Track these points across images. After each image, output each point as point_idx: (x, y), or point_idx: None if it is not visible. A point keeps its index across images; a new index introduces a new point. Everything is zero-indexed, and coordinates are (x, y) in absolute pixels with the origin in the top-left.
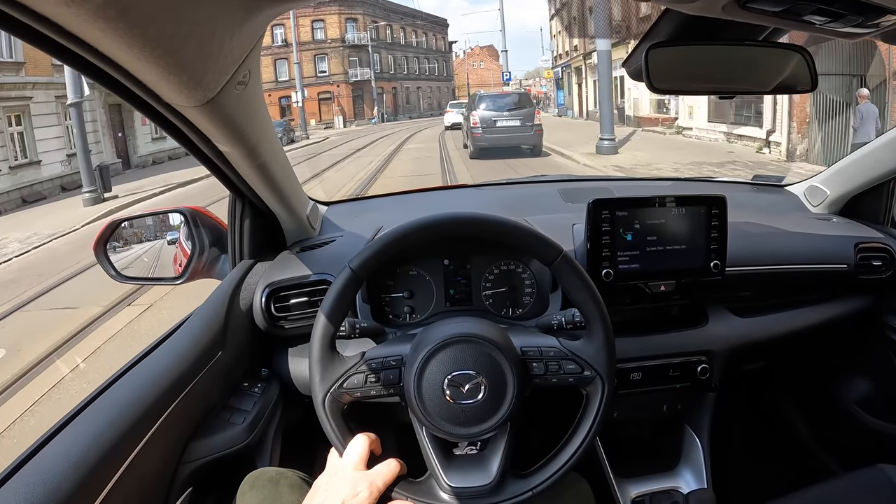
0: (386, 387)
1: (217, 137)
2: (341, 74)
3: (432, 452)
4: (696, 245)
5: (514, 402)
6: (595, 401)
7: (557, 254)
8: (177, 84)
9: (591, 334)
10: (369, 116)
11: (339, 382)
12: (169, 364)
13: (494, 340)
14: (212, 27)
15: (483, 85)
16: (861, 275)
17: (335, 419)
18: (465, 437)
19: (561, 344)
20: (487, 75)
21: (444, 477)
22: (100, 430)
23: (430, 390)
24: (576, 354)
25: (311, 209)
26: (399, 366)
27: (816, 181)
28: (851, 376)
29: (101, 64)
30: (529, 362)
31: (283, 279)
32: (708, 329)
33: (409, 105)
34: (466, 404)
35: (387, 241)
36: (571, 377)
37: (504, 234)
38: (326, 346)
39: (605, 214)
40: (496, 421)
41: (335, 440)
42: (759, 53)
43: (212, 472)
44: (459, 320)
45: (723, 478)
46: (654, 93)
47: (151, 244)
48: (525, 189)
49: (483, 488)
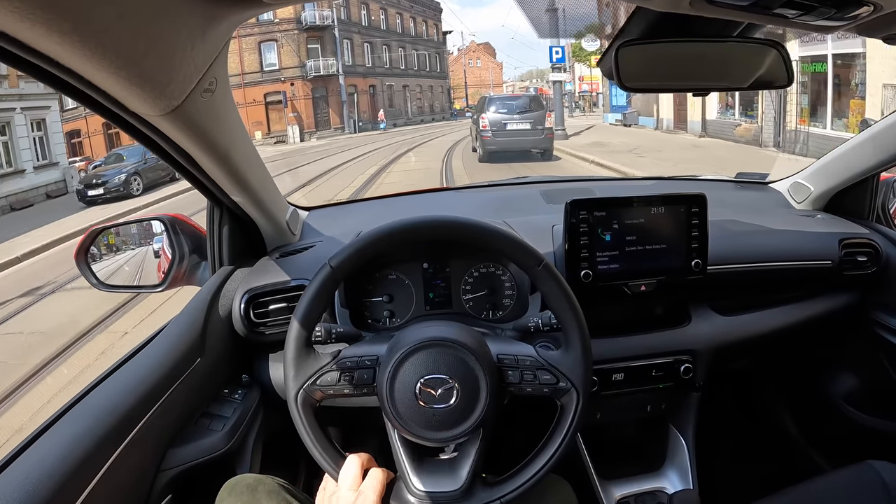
0: (359, 386)
1: (187, 145)
2: (296, 68)
3: (403, 455)
4: (676, 244)
5: (487, 409)
6: (569, 412)
7: (538, 262)
8: (140, 94)
9: (569, 345)
10: (336, 125)
11: (313, 379)
12: (146, 371)
13: (469, 346)
14: (172, 38)
15: (482, 85)
16: (846, 271)
17: (307, 417)
18: (435, 441)
19: (538, 353)
20: (486, 74)
21: (412, 480)
22: (76, 438)
23: (403, 393)
24: (552, 365)
25: (291, 214)
26: (374, 366)
27: (800, 178)
28: (838, 373)
29: (65, 76)
30: (505, 370)
31: (262, 285)
32: (691, 328)
33: (392, 109)
34: (438, 408)
35: (367, 240)
36: (546, 387)
37: (485, 239)
38: (301, 343)
39: (582, 215)
40: (468, 427)
41: (306, 437)
42: (733, 49)
43: (191, 478)
44: (436, 324)
45: (709, 477)
46: (625, 91)
47: (134, 252)
48: (507, 191)
49: (451, 493)
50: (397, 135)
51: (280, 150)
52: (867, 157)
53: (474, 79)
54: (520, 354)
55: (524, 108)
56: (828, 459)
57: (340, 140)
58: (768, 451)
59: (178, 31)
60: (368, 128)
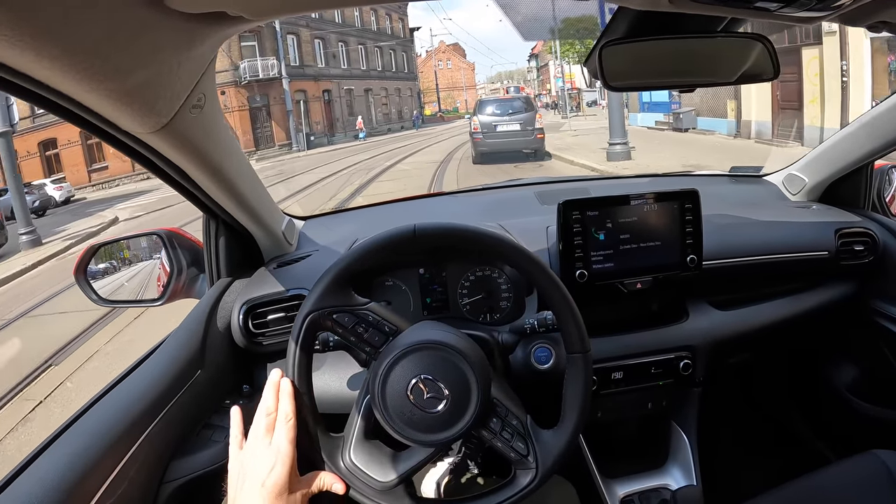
0: (364, 343)
1: (179, 160)
2: (227, 71)
3: (357, 423)
4: (671, 241)
5: (457, 435)
6: (519, 486)
7: (584, 350)
8: (129, 113)
9: (560, 431)
10: (282, 141)
11: (333, 310)
12: (146, 386)
13: (480, 380)
14: (157, 58)
15: (454, 87)
16: (843, 260)
17: (304, 340)
18: (397, 434)
19: (528, 422)
20: (458, 76)
21: (350, 450)
22: (78, 454)
23: (398, 377)
24: (533, 439)
25: (287, 225)
26: (390, 334)
27: (794, 169)
28: (840, 363)
29: (55, 98)
30: (491, 415)
31: (260, 295)
32: (689, 324)
33: (353, 118)
34: (417, 408)
35: (458, 230)
36: (514, 454)
37: (547, 291)
38: (343, 275)
39: (575, 215)
40: (433, 439)
41: (290, 361)
42: (718, 44)
43: (194, 490)
44: (458, 335)
45: (712, 473)
46: (610, 91)
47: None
48: (502, 193)
49: (375, 482)
50: (363, 150)
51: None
52: (861, 146)
53: (446, 81)
54: (512, 411)
55: (514, 109)
56: (832, 450)
57: (286, 161)
58: (772, 444)
59: (164, 51)
60: (324, 142)
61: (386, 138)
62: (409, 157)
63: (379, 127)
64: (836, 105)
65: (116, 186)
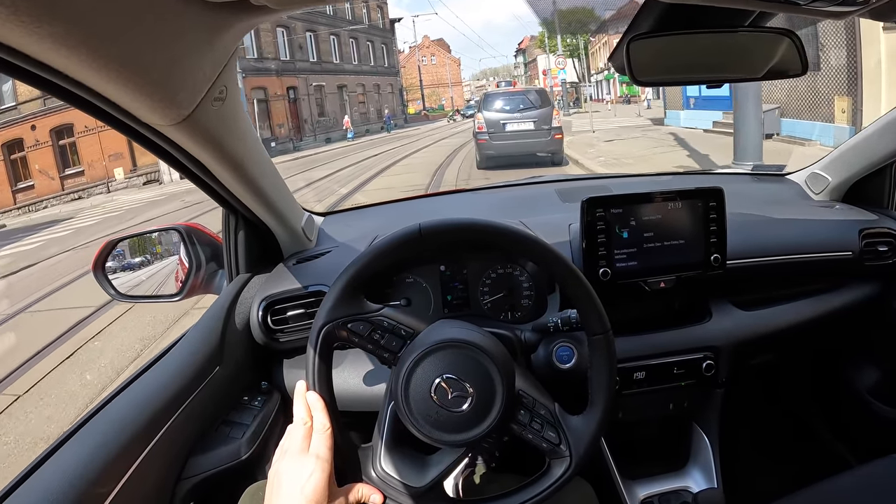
0: (382, 349)
1: (199, 153)
2: None
3: (385, 430)
4: (694, 239)
5: (487, 433)
6: (554, 476)
7: (604, 331)
8: (150, 104)
9: (590, 416)
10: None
11: (347, 320)
12: (165, 381)
13: (503, 373)
14: (179, 48)
15: (439, 84)
16: (867, 261)
17: (322, 353)
18: (424, 437)
19: (556, 409)
20: (443, 72)
21: (381, 458)
22: (96, 448)
23: (421, 379)
24: (563, 427)
25: (307, 221)
26: (407, 339)
27: (817, 168)
28: (862, 365)
29: (74, 89)
30: (519, 407)
31: (280, 292)
32: (712, 324)
33: (324, 119)
34: (443, 409)
35: (464, 224)
36: (546, 444)
37: (566, 280)
38: (354, 283)
39: (599, 212)
40: (460, 439)
41: (310, 373)
42: (745, 39)
43: (212, 486)
44: (480, 332)
45: (733, 475)
46: (637, 86)
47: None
48: (522, 191)
49: (409, 488)
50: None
51: (146, 197)
52: (885, 146)
53: (430, 77)
54: (539, 401)
55: (526, 104)
56: (854, 453)
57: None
58: (793, 447)
59: (186, 40)
60: (289, 148)
61: (363, 142)
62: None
63: (356, 128)
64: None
65: (44, 209)
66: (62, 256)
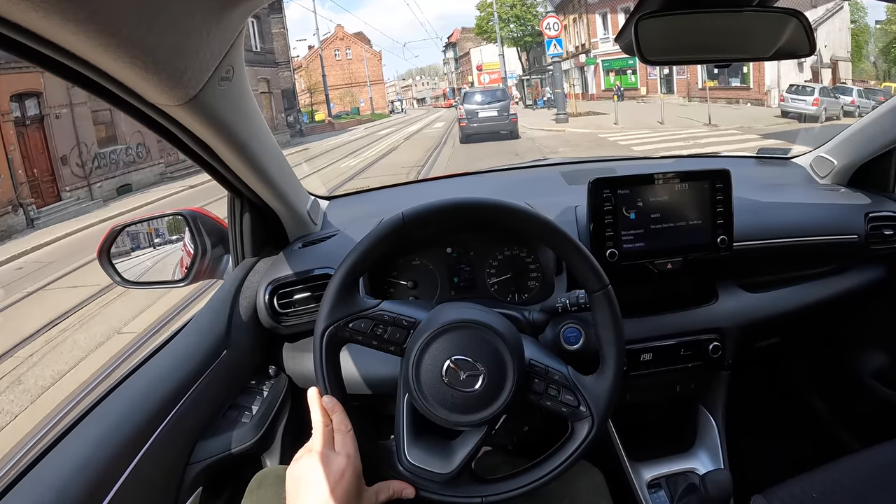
0: (388, 343)
1: (205, 135)
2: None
3: (405, 424)
4: (701, 221)
5: (504, 406)
6: (579, 438)
7: (603, 286)
8: (157, 83)
9: (602, 373)
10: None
11: (347, 320)
12: (172, 366)
13: (509, 341)
14: (186, 25)
15: (357, 83)
16: (872, 245)
17: (328, 355)
18: (444, 422)
19: (569, 372)
20: (360, 68)
21: (406, 450)
22: (104, 434)
23: (430, 365)
24: (579, 388)
25: (312, 204)
26: (409, 328)
27: (823, 151)
28: (867, 349)
29: (80, 68)
30: (532, 377)
31: (286, 275)
32: (718, 306)
33: (109, 153)
34: (458, 391)
35: (444, 204)
36: (565, 408)
37: (555, 243)
38: (349, 279)
39: (606, 193)
40: (480, 417)
41: (320, 377)
42: (753, 19)
43: (221, 471)
44: (481, 309)
45: (739, 457)
46: (645, 65)
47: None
48: (527, 173)
49: (439, 475)
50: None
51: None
52: (890, 129)
53: (344, 75)
54: (551, 367)
55: (492, 98)
56: (857, 437)
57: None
58: (800, 430)
59: (193, 18)
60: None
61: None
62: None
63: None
64: None
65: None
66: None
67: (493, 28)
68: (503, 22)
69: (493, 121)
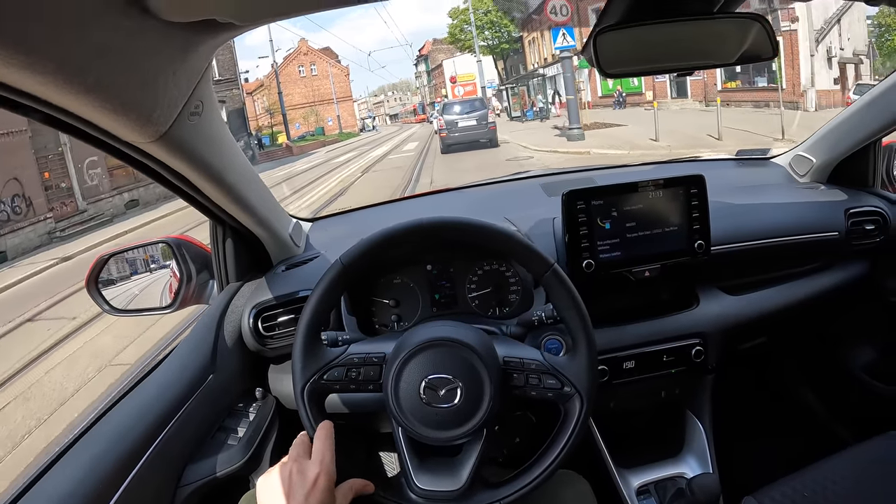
0: (365, 383)
1: (181, 168)
2: None
3: (406, 452)
4: (678, 227)
5: (490, 410)
6: (573, 417)
7: (547, 267)
8: (127, 122)
9: (576, 352)
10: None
11: (321, 373)
12: (160, 391)
13: (474, 347)
14: (150, 68)
15: (323, 101)
16: (854, 241)
17: (312, 409)
18: (437, 440)
19: (544, 358)
20: (326, 85)
21: (414, 478)
22: (94, 459)
23: (407, 392)
24: (557, 370)
25: (294, 227)
26: (381, 363)
27: (801, 150)
28: (855, 344)
29: (53, 112)
30: (510, 373)
31: (269, 298)
32: (699, 311)
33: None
34: (442, 408)
35: (375, 238)
36: (550, 392)
37: (494, 242)
38: (310, 336)
39: (580, 205)
40: (470, 427)
41: (310, 430)
42: (716, 26)
43: (211, 492)
44: (443, 324)
45: (729, 459)
46: (606, 78)
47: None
48: (507, 187)
49: (452, 493)
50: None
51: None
52: (867, 124)
53: (308, 93)
54: (526, 358)
55: (470, 108)
56: (851, 432)
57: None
58: (790, 429)
59: (158, 59)
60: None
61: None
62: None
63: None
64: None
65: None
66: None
67: (467, 36)
68: (478, 29)
69: (473, 130)
